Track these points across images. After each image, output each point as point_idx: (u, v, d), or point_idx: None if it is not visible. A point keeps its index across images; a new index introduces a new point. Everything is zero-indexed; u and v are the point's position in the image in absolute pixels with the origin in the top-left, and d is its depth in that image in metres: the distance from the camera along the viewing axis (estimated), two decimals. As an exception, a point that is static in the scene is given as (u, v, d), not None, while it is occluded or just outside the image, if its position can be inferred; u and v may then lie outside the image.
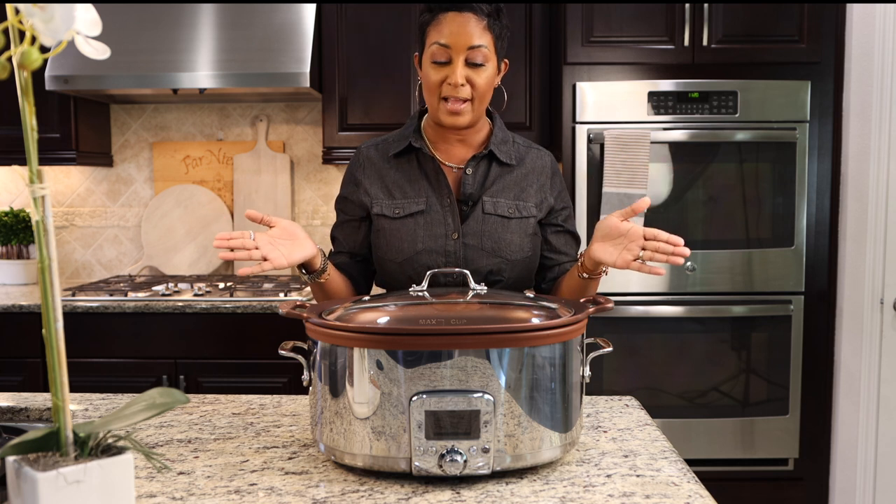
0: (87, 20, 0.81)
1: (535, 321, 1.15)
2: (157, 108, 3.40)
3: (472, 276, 1.50)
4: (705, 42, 2.77)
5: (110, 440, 0.86)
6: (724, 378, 2.85)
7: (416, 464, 1.07)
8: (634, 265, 1.38)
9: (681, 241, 1.36)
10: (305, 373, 1.20)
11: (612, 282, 2.77)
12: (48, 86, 2.81)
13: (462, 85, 1.51)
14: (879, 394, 2.82)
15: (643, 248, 1.38)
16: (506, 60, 1.63)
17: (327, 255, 1.65)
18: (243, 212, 3.32)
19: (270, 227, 1.45)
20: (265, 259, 1.39)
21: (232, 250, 1.37)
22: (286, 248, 1.44)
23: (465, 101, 1.53)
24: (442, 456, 1.06)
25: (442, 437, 1.06)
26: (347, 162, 1.74)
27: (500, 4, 1.56)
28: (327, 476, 1.13)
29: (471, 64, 1.52)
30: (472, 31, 1.50)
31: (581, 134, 2.77)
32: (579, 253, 1.59)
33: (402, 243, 1.59)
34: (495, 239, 1.58)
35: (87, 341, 2.75)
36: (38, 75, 2.77)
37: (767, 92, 2.77)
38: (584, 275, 1.52)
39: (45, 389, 2.67)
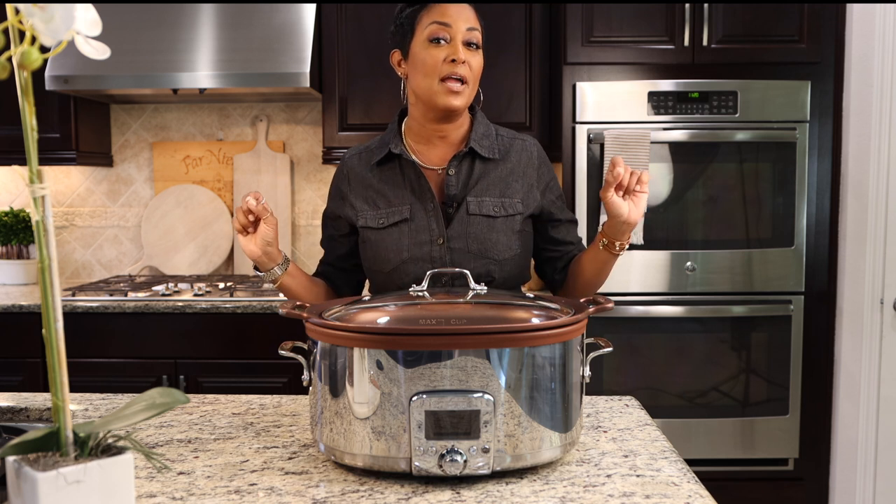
0: (87, 20, 0.81)
1: (535, 321, 1.15)
2: (157, 108, 3.40)
3: None
4: (705, 42, 2.77)
5: (110, 440, 0.86)
6: (724, 378, 2.85)
7: (416, 464, 1.07)
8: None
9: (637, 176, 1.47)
10: (305, 373, 1.20)
11: (613, 282, 2.77)
12: (48, 86, 2.81)
13: (463, 62, 1.51)
14: (879, 394, 2.82)
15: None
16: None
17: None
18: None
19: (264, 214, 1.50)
20: (252, 230, 1.50)
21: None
22: (256, 237, 1.52)
23: (463, 82, 1.52)
24: (442, 456, 1.06)
25: (442, 437, 1.06)
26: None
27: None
28: (327, 476, 1.13)
29: (468, 46, 1.53)
30: (469, 14, 1.54)
31: (581, 134, 2.77)
32: (600, 228, 1.60)
33: (388, 253, 1.58)
34: (481, 240, 1.56)
35: (87, 341, 2.75)
36: (38, 75, 2.76)
37: (767, 92, 2.77)
38: (614, 248, 1.54)
39: (45, 389, 2.67)
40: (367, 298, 1.32)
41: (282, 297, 2.78)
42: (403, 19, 1.57)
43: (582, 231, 2.75)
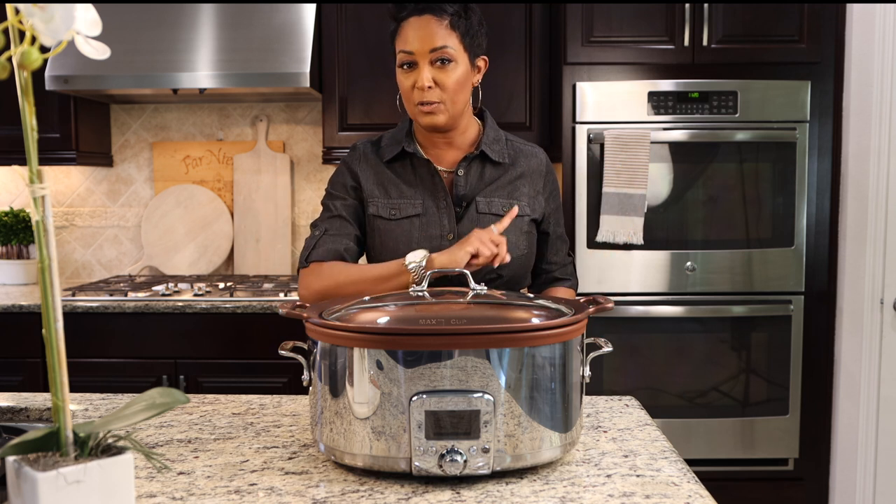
0: (87, 20, 0.81)
1: (535, 321, 1.15)
2: (157, 108, 3.40)
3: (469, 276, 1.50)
4: (705, 42, 2.77)
5: (110, 440, 0.86)
6: (724, 378, 2.85)
7: (416, 464, 1.07)
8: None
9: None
10: (305, 373, 1.20)
11: (612, 282, 2.77)
12: (48, 86, 2.81)
13: (430, 87, 1.52)
14: (879, 394, 2.82)
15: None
16: (485, 58, 1.62)
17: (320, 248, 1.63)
18: (243, 212, 3.33)
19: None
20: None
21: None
22: None
23: (436, 102, 1.53)
24: (442, 456, 1.06)
25: (442, 437, 1.06)
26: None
27: (467, 3, 1.55)
28: (327, 476, 1.13)
29: (436, 64, 1.52)
30: (433, 33, 1.51)
31: (581, 134, 2.77)
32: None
33: (398, 245, 1.59)
34: None
35: (87, 341, 2.75)
36: (38, 75, 2.76)
37: (767, 92, 2.77)
38: None
39: (45, 389, 2.67)
40: (367, 298, 1.32)
41: (282, 296, 2.79)
42: (389, 34, 1.60)
43: (582, 231, 2.75)
